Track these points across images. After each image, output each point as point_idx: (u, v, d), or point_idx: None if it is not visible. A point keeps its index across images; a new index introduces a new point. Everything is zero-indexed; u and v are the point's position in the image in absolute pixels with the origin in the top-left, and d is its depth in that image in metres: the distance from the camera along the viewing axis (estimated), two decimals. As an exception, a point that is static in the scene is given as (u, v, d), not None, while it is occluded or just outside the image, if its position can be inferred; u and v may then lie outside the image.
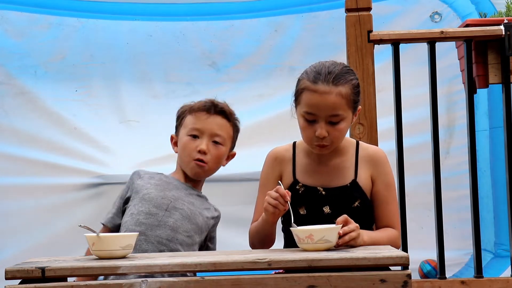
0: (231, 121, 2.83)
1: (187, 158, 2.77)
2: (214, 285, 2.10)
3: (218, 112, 2.80)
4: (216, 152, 2.78)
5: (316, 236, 2.27)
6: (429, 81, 3.37)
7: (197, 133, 2.77)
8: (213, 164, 2.79)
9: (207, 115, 2.78)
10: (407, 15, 4.35)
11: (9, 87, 4.29)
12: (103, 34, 4.36)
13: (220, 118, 2.80)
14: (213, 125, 2.78)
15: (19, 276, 2.12)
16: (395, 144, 3.35)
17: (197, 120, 2.78)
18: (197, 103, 2.82)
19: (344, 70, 2.49)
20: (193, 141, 2.77)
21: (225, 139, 2.80)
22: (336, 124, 2.47)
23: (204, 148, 2.74)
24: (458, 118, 4.28)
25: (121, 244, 2.22)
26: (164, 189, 2.71)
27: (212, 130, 2.77)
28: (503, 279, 3.35)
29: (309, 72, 2.51)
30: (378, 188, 2.56)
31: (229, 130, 2.83)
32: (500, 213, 4.12)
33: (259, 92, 4.39)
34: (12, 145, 4.26)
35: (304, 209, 2.56)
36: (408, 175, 3.36)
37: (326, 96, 2.44)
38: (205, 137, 2.76)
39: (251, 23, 4.41)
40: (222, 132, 2.79)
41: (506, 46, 3.29)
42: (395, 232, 2.54)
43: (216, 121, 2.79)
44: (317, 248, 2.26)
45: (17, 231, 4.20)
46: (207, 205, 2.79)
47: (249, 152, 4.24)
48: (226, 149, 2.82)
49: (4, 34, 4.31)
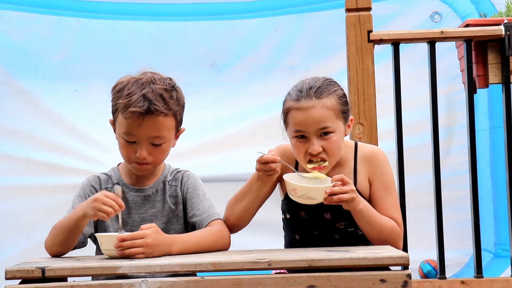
0: (170, 112, 2.44)
1: (126, 160, 2.49)
2: (214, 285, 2.10)
3: (153, 112, 2.40)
4: (158, 151, 2.46)
5: (300, 191, 2.35)
6: (429, 81, 3.37)
7: (132, 139, 2.44)
8: (159, 160, 2.50)
9: (140, 120, 2.40)
10: (407, 15, 4.35)
11: (9, 87, 4.30)
12: (103, 34, 4.37)
13: (155, 119, 2.41)
14: (149, 130, 2.41)
15: (19, 276, 2.12)
16: (395, 144, 3.35)
17: (129, 124, 2.41)
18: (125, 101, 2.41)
19: (326, 83, 2.47)
20: (129, 146, 2.45)
21: (166, 135, 2.45)
22: (328, 137, 2.43)
23: (143, 155, 2.43)
24: (458, 118, 4.28)
25: None
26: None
27: (148, 134, 2.42)
28: (503, 279, 3.35)
29: (291, 92, 2.50)
30: (375, 189, 2.53)
31: (170, 122, 2.45)
32: (500, 213, 4.12)
33: (259, 92, 4.39)
34: (12, 145, 4.26)
35: (304, 213, 2.55)
36: (408, 175, 3.36)
37: (311, 110, 2.42)
38: (142, 142, 2.43)
39: (251, 23, 4.41)
40: (160, 132, 2.43)
41: (506, 46, 3.29)
42: (396, 225, 2.49)
43: (152, 124, 2.41)
44: (302, 202, 2.37)
45: (17, 231, 4.20)
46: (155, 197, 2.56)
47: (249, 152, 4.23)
48: (170, 140, 2.49)
49: (4, 34, 4.31)
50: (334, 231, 2.52)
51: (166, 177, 2.57)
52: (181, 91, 2.54)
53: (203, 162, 4.17)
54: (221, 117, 4.38)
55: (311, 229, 2.55)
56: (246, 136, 4.34)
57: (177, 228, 2.53)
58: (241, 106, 4.40)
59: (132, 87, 2.44)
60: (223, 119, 4.39)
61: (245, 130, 4.37)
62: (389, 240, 2.45)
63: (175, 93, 2.49)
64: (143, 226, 2.28)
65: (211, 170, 4.13)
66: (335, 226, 2.52)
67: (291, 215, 2.59)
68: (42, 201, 4.20)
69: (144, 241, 2.24)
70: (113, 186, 2.53)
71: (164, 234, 2.32)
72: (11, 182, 4.24)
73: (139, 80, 2.47)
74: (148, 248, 2.24)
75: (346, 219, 2.49)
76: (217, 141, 4.35)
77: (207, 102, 4.38)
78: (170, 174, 2.59)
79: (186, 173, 2.59)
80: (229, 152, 4.32)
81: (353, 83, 3.25)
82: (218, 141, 4.35)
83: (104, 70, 4.33)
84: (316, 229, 2.54)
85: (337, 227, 2.52)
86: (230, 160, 4.29)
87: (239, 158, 4.28)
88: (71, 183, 4.18)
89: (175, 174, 2.59)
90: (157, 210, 2.54)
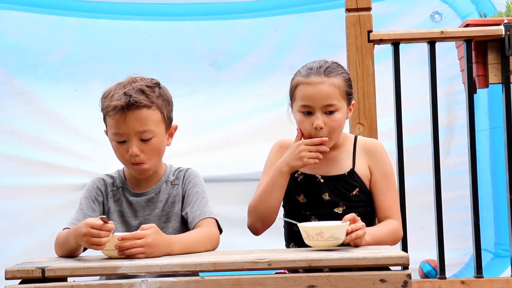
0: (153, 105, 2.48)
1: (123, 162, 2.52)
2: (214, 285, 2.10)
3: (134, 106, 2.44)
4: (150, 147, 2.48)
5: (327, 233, 2.27)
6: (429, 81, 3.37)
7: (121, 138, 2.47)
8: (153, 158, 2.51)
9: (123, 115, 2.44)
10: (407, 15, 4.35)
11: (9, 87, 4.29)
12: (103, 34, 4.37)
13: (138, 112, 2.45)
14: (134, 124, 2.44)
15: (19, 276, 2.12)
16: (395, 144, 3.35)
17: (115, 123, 2.46)
18: (108, 102, 2.46)
19: (335, 65, 2.61)
20: (121, 146, 2.48)
21: (154, 129, 2.47)
22: (332, 115, 2.54)
23: (135, 152, 2.45)
24: (458, 118, 4.28)
25: None
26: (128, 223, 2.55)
27: (135, 129, 2.45)
28: (503, 279, 3.35)
29: (301, 70, 2.62)
30: (376, 178, 2.61)
31: (155, 116, 2.48)
32: (500, 213, 4.12)
33: (259, 92, 4.39)
34: (12, 145, 4.26)
35: (303, 197, 2.60)
36: (408, 175, 3.36)
37: (320, 86, 2.54)
38: (131, 139, 2.46)
39: (251, 23, 4.41)
40: (147, 126, 2.46)
41: (506, 46, 3.29)
42: (396, 224, 2.58)
43: (136, 118, 2.44)
44: (326, 246, 2.27)
45: (17, 231, 4.20)
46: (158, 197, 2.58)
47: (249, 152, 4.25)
48: (161, 136, 2.50)
49: (4, 34, 4.31)
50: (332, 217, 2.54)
51: (168, 177, 2.58)
52: (167, 90, 2.58)
53: (203, 162, 4.16)
54: (221, 117, 4.38)
55: (310, 217, 2.59)
56: (246, 136, 4.34)
57: (175, 226, 2.54)
58: (241, 106, 4.40)
59: (115, 90, 2.49)
60: (223, 119, 4.38)
61: (245, 130, 4.37)
62: (392, 244, 2.53)
63: (158, 89, 2.52)
64: (143, 226, 2.29)
65: (211, 170, 4.12)
66: (333, 212, 2.56)
67: (290, 205, 2.64)
68: (42, 201, 4.20)
69: (144, 241, 2.24)
70: (117, 189, 2.57)
71: (164, 234, 2.33)
72: (11, 182, 4.24)
73: (121, 83, 2.52)
74: (148, 248, 2.24)
75: (345, 200, 2.57)
76: (217, 141, 4.35)
77: (207, 102, 4.39)
78: (173, 174, 2.59)
79: (188, 171, 2.60)
80: (229, 152, 4.32)
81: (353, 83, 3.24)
82: (218, 141, 4.35)
83: (104, 70, 4.33)
84: (315, 216, 2.58)
85: (335, 213, 2.56)
86: (231, 160, 4.29)
87: (239, 158, 4.28)
88: (71, 183, 4.19)
89: (177, 173, 2.60)
90: (159, 210, 2.55)
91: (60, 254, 2.40)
